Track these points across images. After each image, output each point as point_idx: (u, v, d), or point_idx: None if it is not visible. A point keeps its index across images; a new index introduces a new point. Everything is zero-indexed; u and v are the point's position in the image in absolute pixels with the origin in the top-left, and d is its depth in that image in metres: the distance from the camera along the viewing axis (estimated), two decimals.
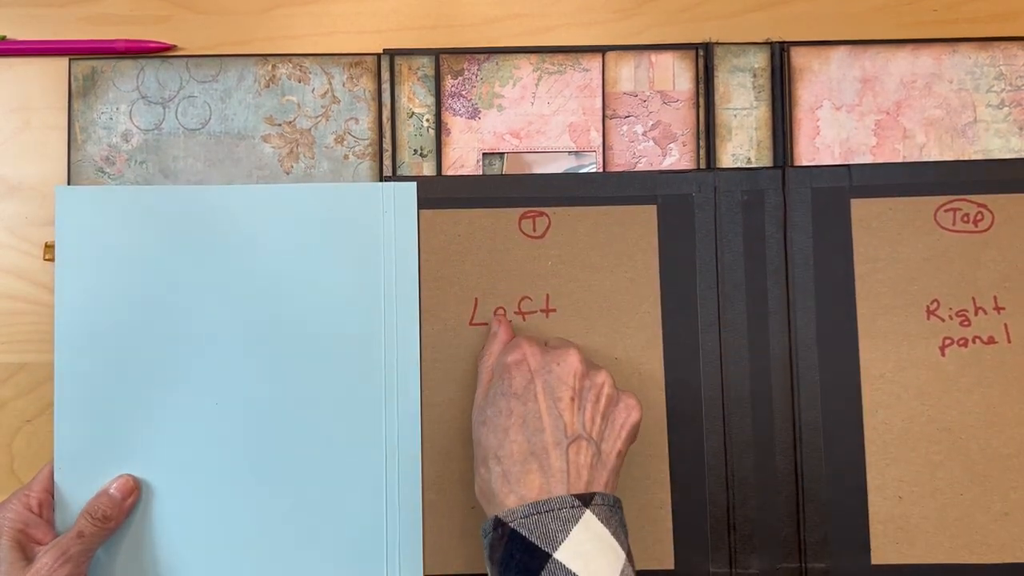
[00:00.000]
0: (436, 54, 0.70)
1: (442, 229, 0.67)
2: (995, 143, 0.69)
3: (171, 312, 0.66)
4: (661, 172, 0.67)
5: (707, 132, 0.69)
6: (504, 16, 0.71)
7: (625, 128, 0.70)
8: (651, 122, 0.70)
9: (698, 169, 0.68)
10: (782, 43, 0.70)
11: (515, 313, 0.66)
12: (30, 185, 0.70)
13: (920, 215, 0.67)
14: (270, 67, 0.70)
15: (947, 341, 0.66)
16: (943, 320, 0.66)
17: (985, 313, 0.66)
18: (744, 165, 0.69)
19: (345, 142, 0.69)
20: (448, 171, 0.69)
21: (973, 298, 0.66)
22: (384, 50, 0.70)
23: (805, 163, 0.69)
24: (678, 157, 0.69)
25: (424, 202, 0.67)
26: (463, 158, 0.69)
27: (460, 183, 0.68)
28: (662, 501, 0.65)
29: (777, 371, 0.66)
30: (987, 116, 0.69)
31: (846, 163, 0.68)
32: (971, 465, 0.65)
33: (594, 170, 0.69)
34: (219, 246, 0.66)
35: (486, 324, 0.66)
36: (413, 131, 0.70)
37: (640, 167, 0.69)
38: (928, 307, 0.66)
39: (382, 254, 0.66)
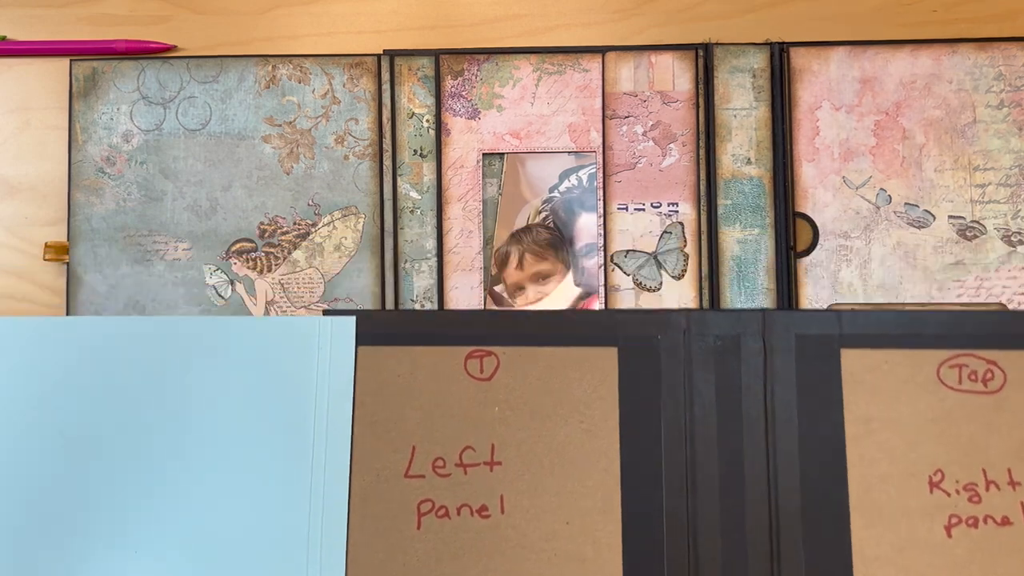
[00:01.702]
0: (436, 54, 0.70)
1: (381, 368, 0.60)
2: (995, 143, 0.69)
3: (82, 453, 0.60)
4: (623, 311, 0.61)
5: (707, 132, 0.69)
6: (504, 16, 0.71)
7: (625, 128, 0.70)
8: (651, 122, 0.70)
9: (665, 310, 0.62)
10: (782, 44, 0.70)
11: (456, 465, 0.59)
12: (30, 185, 0.70)
13: (921, 370, 0.59)
14: (270, 68, 0.70)
15: (954, 520, 0.57)
16: (949, 495, 0.57)
17: (998, 488, 0.57)
18: (743, 166, 0.69)
19: (345, 142, 0.69)
20: (448, 171, 0.69)
21: (984, 470, 0.58)
22: (384, 51, 0.70)
23: (805, 162, 0.69)
24: (678, 157, 0.69)
25: (363, 337, 0.61)
26: (463, 158, 0.69)
27: (403, 317, 0.62)
28: None
29: (755, 547, 0.58)
30: (986, 116, 0.69)
31: (836, 308, 0.62)
32: None
33: (594, 170, 0.69)
34: (134, 383, 0.61)
35: (423, 476, 0.59)
36: (413, 131, 0.70)
37: (640, 167, 0.69)
38: (931, 478, 0.58)
39: (314, 395, 0.60)
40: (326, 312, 0.63)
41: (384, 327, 0.61)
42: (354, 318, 0.62)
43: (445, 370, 0.60)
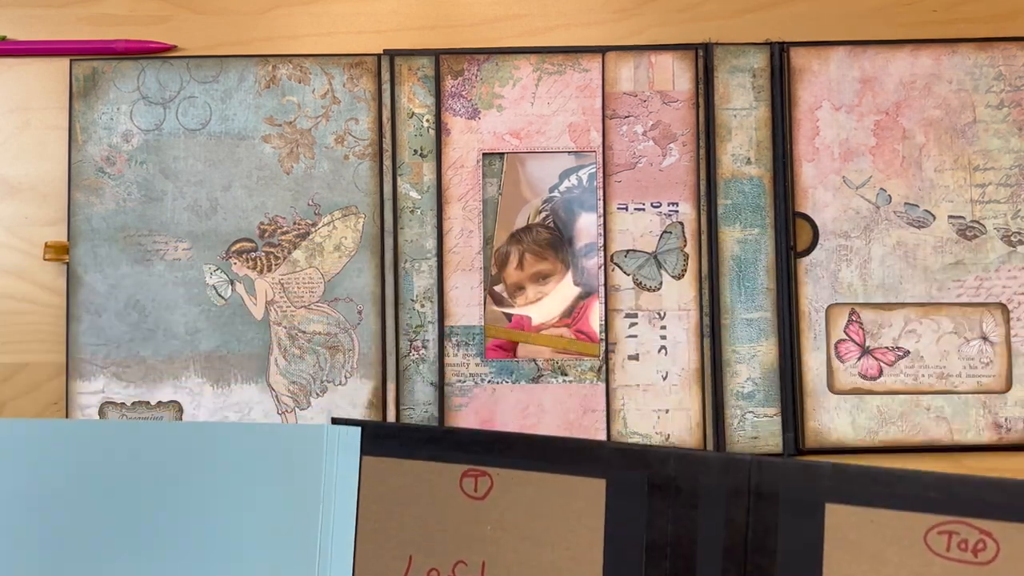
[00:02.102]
0: (436, 54, 0.70)
1: (384, 478, 0.63)
2: (995, 143, 0.69)
3: (84, 558, 0.61)
4: (614, 445, 0.63)
5: (707, 132, 0.69)
6: (504, 16, 0.71)
7: (625, 128, 0.70)
8: (651, 122, 0.70)
9: (655, 448, 0.62)
10: (782, 43, 0.70)
11: None
12: (30, 185, 0.70)
13: (908, 534, 0.57)
14: (270, 67, 0.70)
15: None
16: None
17: None
18: (743, 166, 0.69)
19: (345, 142, 0.69)
20: (448, 171, 0.69)
21: None
22: (384, 50, 0.70)
23: (805, 162, 0.69)
24: (678, 157, 0.69)
25: (366, 447, 0.63)
26: (463, 158, 0.69)
27: (405, 431, 0.64)
28: None
29: None
30: (986, 116, 0.69)
31: (827, 460, 0.61)
32: None
33: (594, 170, 0.69)
34: (136, 488, 0.62)
35: None
36: (413, 131, 0.70)
37: (640, 167, 0.69)
38: None
39: (320, 502, 0.63)
40: (333, 421, 0.65)
41: (387, 439, 0.64)
42: (360, 428, 0.64)
43: (442, 486, 0.62)
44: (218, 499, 0.63)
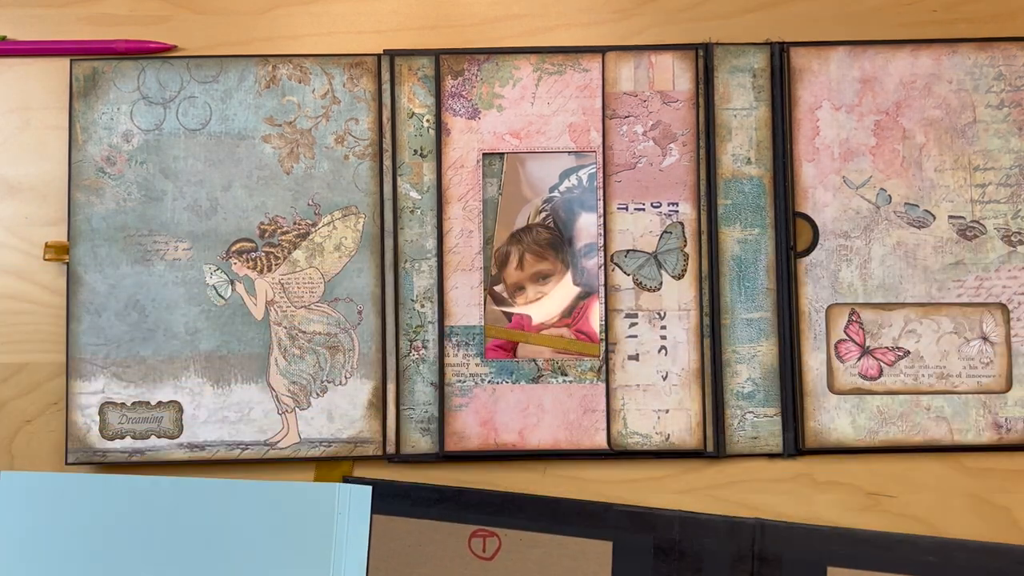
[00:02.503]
0: (436, 55, 0.70)
1: (393, 536, 0.65)
2: (995, 143, 0.69)
3: None
4: (619, 508, 0.64)
5: (707, 132, 0.69)
6: (504, 16, 0.71)
7: (625, 128, 0.70)
8: (651, 122, 0.70)
9: (660, 512, 0.64)
10: (782, 43, 0.70)
11: None
12: (30, 185, 0.70)
13: None
14: (270, 67, 0.70)
15: None
16: None
17: None
18: (743, 166, 0.69)
19: (345, 142, 0.69)
20: (448, 171, 0.69)
21: None
22: (384, 51, 0.70)
23: (805, 162, 0.69)
24: (678, 157, 0.69)
25: (377, 506, 0.65)
26: (463, 158, 0.69)
27: (416, 490, 0.66)
28: None
29: None
30: (986, 116, 0.69)
31: (828, 525, 0.64)
32: None
33: (594, 170, 0.69)
34: (147, 544, 0.63)
35: None
36: (413, 131, 0.70)
37: (640, 167, 0.69)
38: None
39: (331, 559, 0.64)
40: (345, 480, 0.66)
41: (398, 498, 0.65)
42: (371, 488, 0.65)
43: (451, 545, 0.64)
44: (231, 556, 0.64)
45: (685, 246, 0.69)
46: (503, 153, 0.69)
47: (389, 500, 0.65)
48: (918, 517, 0.67)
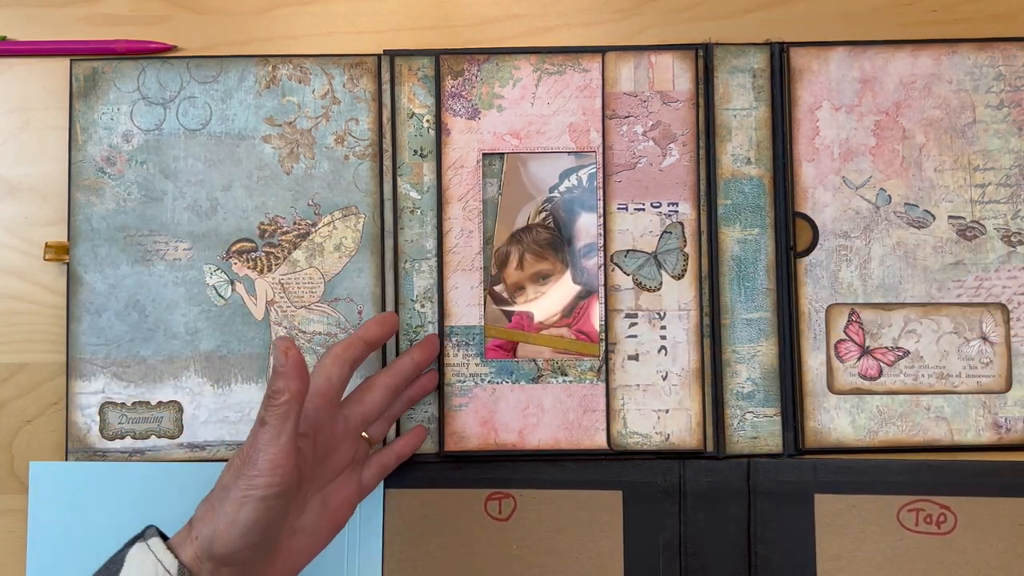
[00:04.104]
0: (436, 55, 0.70)
1: (407, 509, 0.67)
2: (995, 143, 0.69)
3: None
4: (627, 459, 0.67)
5: (707, 132, 0.69)
6: (504, 16, 0.71)
7: (625, 128, 0.70)
8: (651, 122, 0.70)
9: (663, 456, 0.67)
10: (782, 43, 0.70)
11: None
12: (30, 185, 0.70)
13: (884, 514, 0.66)
14: (270, 68, 0.70)
15: None
16: None
17: None
18: (743, 166, 0.69)
19: (345, 142, 0.69)
20: (448, 171, 0.69)
21: None
22: (384, 51, 0.70)
23: (805, 162, 0.69)
24: (678, 157, 0.69)
25: (389, 480, 0.66)
26: (463, 158, 0.69)
27: (427, 461, 0.67)
28: None
29: None
30: (986, 117, 0.69)
31: (810, 458, 0.67)
32: None
33: (594, 170, 0.69)
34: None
35: None
36: (413, 131, 0.70)
37: (640, 167, 0.69)
38: None
39: (346, 539, 0.65)
40: None
41: (409, 471, 0.67)
42: None
43: (467, 512, 0.67)
44: None
45: (685, 246, 0.69)
46: (503, 153, 0.69)
47: (400, 474, 0.66)
48: None
